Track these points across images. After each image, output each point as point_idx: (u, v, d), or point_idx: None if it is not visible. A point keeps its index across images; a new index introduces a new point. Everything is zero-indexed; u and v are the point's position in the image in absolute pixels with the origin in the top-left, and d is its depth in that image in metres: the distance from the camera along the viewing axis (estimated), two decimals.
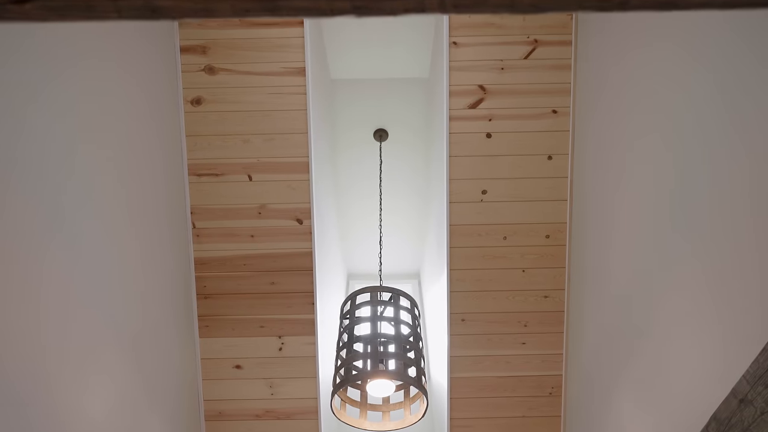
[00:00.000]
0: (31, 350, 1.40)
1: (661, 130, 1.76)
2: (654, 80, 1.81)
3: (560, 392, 2.69)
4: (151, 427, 2.12)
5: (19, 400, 1.35)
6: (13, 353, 1.34)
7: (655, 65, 1.81)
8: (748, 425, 1.30)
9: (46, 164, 1.49)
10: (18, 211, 1.37)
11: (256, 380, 2.66)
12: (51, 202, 1.50)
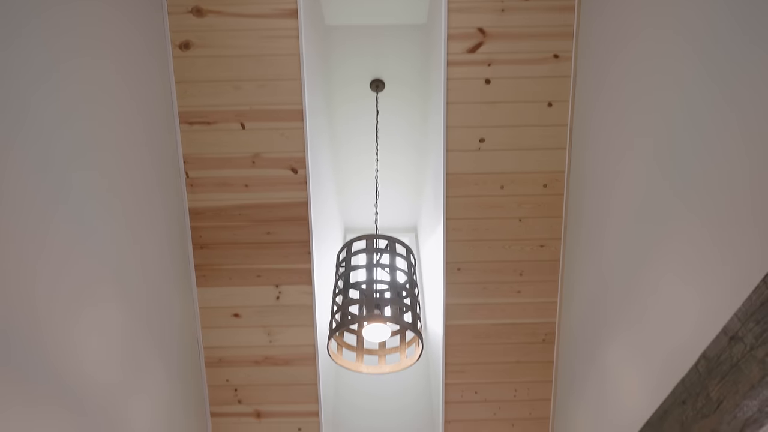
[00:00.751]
0: (25, 295, 1.40)
1: (666, 78, 1.70)
2: (662, 26, 1.74)
3: (553, 339, 2.75)
4: (154, 371, 2.17)
5: (14, 346, 1.36)
6: (7, 298, 1.34)
7: (663, 9, 1.73)
8: (736, 361, 1.32)
9: (36, 112, 1.45)
10: (9, 156, 1.33)
11: (255, 328, 2.70)
12: (42, 153, 1.46)
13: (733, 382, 1.32)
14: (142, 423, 2.06)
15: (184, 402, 2.51)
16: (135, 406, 2.01)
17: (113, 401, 1.85)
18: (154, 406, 2.18)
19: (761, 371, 1.21)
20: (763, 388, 1.25)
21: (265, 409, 2.80)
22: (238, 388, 2.78)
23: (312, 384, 2.77)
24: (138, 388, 2.04)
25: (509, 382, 2.80)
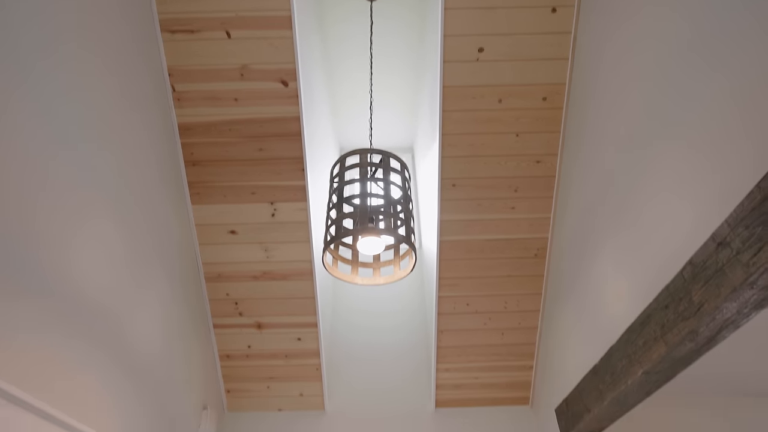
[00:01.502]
0: (25, 216, 1.39)
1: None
2: None
3: (545, 254, 2.81)
4: (157, 285, 2.22)
5: (10, 263, 1.37)
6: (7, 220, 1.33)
7: None
8: (721, 266, 1.34)
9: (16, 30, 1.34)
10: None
11: (251, 244, 2.74)
12: (23, 68, 1.38)
13: (715, 286, 1.36)
14: (148, 333, 2.15)
15: (188, 315, 2.60)
16: (141, 318, 2.09)
17: (119, 314, 1.91)
18: (160, 318, 2.26)
19: (744, 274, 1.24)
20: (744, 291, 1.28)
21: (265, 321, 2.92)
22: (238, 302, 2.87)
23: (310, 297, 2.86)
24: (142, 301, 2.10)
25: (500, 294, 2.90)
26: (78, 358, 1.67)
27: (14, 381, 1.38)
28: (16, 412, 1.37)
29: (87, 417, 1.72)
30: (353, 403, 3.20)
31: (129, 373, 2.01)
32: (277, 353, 3.01)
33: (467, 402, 3.17)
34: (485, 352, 3.05)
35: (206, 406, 2.82)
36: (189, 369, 2.61)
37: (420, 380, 3.28)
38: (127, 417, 2.00)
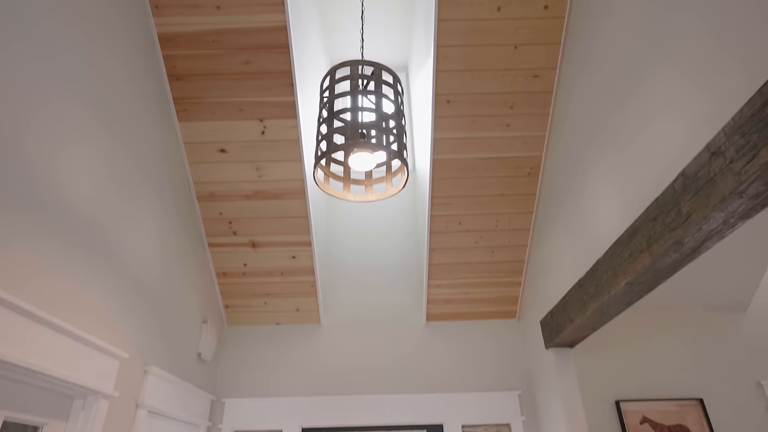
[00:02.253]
0: (12, 136, 1.34)
1: None
2: None
3: (538, 172, 2.80)
4: (148, 203, 2.21)
5: (8, 182, 1.34)
6: None
7: None
8: (713, 176, 1.34)
9: None
10: None
11: (242, 163, 2.70)
12: None
13: (705, 196, 1.37)
14: (144, 251, 2.18)
15: (182, 233, 2.62)
16: (135, 235, 2.10)
17: (113, 230, 1.91)
18: (155, 235, 2.28)
19: (735, 183, 1.24)
20: (733, 200, 1.29)
21: (259, 240, 2.96)
22: (232, 221, 2.89)
23: (303, 216, 2.88)
24: (135, 218, 2.10)
25: (492, 213, 2.93)
26: (78, 273, 1.70)
27: (19, 293, 1.41)
28: (24, 322, 1.41)
29: (92, 329, 1.78)
30: (347, 317, 3.34)
31: (130, 288, 2.05)
32: (272, 271, 3.08)
33: (457, 316, 3.31)
34: (476, 269, 3.13)
35: (206, 320, 2.93)
36: (187, 285, 2.68)
37: (412, 296, 3.40)
38: (131, 329, 2.07)
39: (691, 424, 2.98)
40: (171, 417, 2.45)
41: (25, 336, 1.43)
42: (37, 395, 1.59)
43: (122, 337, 2.01)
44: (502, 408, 3.01)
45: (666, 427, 2.97)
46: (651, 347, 3.22)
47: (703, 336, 3.27)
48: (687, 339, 3.26)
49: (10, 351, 1.38)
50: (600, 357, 3.18)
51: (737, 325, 3.32)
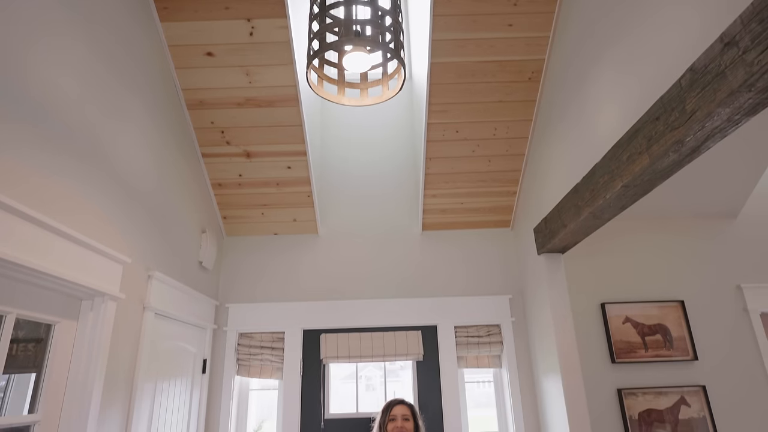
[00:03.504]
0: None
1: None
2: None
3: (539, 77, 2.70)
4: (137, 110, 2.14)
5: None
6: None
7: None
8: (723, 69, 1.29)
9: None
10: None
11: (231, 68, 2.58)
12: None
13: (712, 91, 1.32)
14: (137, 159, 2.14)
15: (174, 143, 2.57)
16: (125, 144, 2.05)
17: (102, 139, 1.86)
18: (147, 145, 2.23)
19: (746, 75, 1.20)
20: (741, 94, 1.25)
21: (253, 150, 2.91)
22: (224, 130, 2.82)
23: (297, 125, 2.81)
24: (126, 127, 2.03)
25: (490, 121, 2.87)
26: (74, 182, 1.68)
27: (20, 200, 1.40)
28: (29, 227, 1.41)
29: (94, 235, 1.79)
30: (344, 227, 3.39)
31: (127, 197, 2.04)
32: (268, 181, 3.07)
33: (452, 225, 3.37)
34: (471, 179, 3.13)
35: (205, 230, 2.97)
36: (183, 195, 2.68)
37: (407, 206, 3.43)
38: (132, 236, 2.09)
39: (671, 324, 3.16)
40: (177, 319, 2.56)
41: (31, 239, 1.45)
42: (47, 296, 1.64)
43: (123, 243, 2.04)
44: (493, 310, 3.17)
45: (647, 327, 3.15)
46: (637, 254, 3.33)
47: (688, 242, 3.37)
48: (672, 245, 3.36)
49: (16, 253, 1.40)
50: (588, 263, 3.29)
51: (723, 231, 3.41)
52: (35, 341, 1.68)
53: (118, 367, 1.98)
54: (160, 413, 2.34)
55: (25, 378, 1.66)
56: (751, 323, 3.18)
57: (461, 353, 3.11)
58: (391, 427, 2.26)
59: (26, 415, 1.61)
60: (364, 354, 3.04)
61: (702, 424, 2.94)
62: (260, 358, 3.08)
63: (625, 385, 3.02)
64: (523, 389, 3.02)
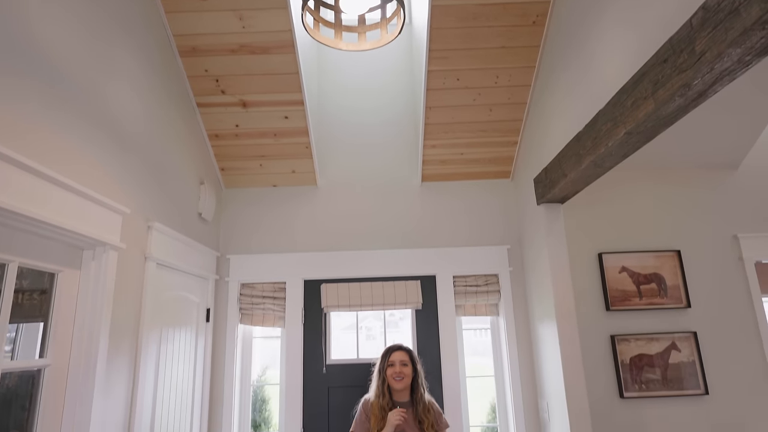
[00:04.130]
0: None
1: None
2: None
3: (544, 21, 2.60)
4: (128, 57, 2.07)
5: None
6: None
7: None
8: (737, 5, 1.23)
9: None
10: None
11: (224, 12, 2.47)
12: None
13: (724, 30, 1.27)
14: (131, 109, 2.09)
15: (168, 93, 2.50)
16: (119, 94, 1.99)
17: (95, 90, 1.81)
18: (140, 96, 2.17)
19: (761, 11, 1.15)
20: (755, 32, 1.21)
21: (249, 99, 2.85)
22: (219, 79, 2.75)
23: (293, 73, 2.73)
24: (115, 77, 1.97)
25: (492, 68, 2.79)
26: (67, 132, 1.64)
27: (16, 149, 1.37)
28: (26, 176, 1.39)
29: (91, 185, 1.78)
30: (344, 178, 3.37)
31: (122, 147, 2.01)
32: (265, 132, 3.02)
33: (451, 176, 3.35)
34: (472, 128, 3.08)
35: (203, 182, 2.95)
36: (180, 146, 2.64)
37: (407, 157, 3.39)
38: (130, 187, 2.08)
39: (666, 273, 3.21)
40: (179, 270, 2.59)
41: (28, 189, 1.43)
42: (48, 245, 1.65)
43: (122, 194, 2.03)
44: (491, 260, 3.21)
45: (642, 276, 3.20)
46: (636, 204, 3.33)
47: (687, 193, 3.37)
48: (671, 196, 3.35)
49: (15, 202, 1.39)
50: (587, 214, 3.30)
51: (724, 182, 3.39)
52: (40, 291, 1.71)
53: (123, 315, 2.02)
54: (167, 359, 2.41)
55: (33, 327, 1.70)
56: (745, 272, 3.23)
57: (459, 302, 3.17)
58: (389, 372, 2.33)
59: (37, 359, 1.65)
60: (364, 303, 3.10)
61: (691, 367, 3.05)
62: (262, 308, 3.15)
63: (618, 332, 3.10)
64: (519, 336, 3.10)
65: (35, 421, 1.62)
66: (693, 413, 2.99)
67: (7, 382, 1.58)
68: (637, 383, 3.02)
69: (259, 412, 3.53)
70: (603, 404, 2.99)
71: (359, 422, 2.26)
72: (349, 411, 2.84)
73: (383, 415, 2.21)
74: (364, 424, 2.24)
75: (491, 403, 3.35)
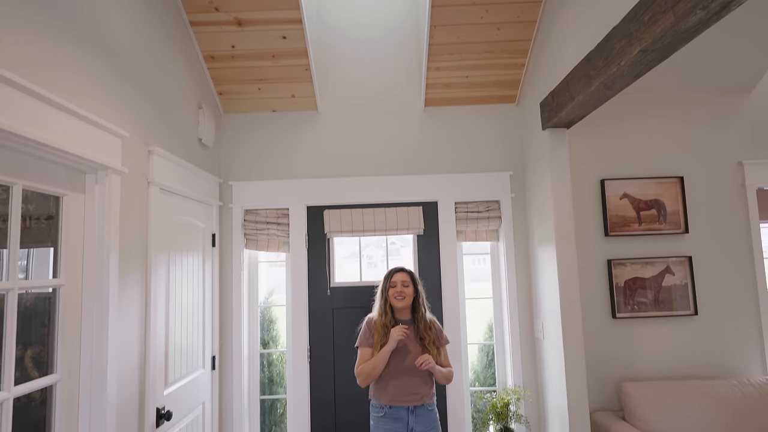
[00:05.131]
0: None
1: None
2: None
3: None
4: None
5: None
6: None
7: None
8: None
9: None
10: None
11: None
12: None
13: None
14: (121, 29, 1.98)
15: (160, 10, 2.37)
16: (107, 13, 1.88)
17: (81, 11, 1.70)
18: (132, 14, 2.05)
19: None
20: None
21: (245, 17, 2.70)
22: None
23: None
24: None
25: None
26: (56, 51, 1.57)
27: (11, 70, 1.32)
28: (24, 99, 1.35)
29: (88, 107, 1.73)
30: (345, 103, 3.29)
31: (115, 69, 1.94)
32: (263, 53, 2.90)
33: (456, 101, 3.26)
34: (478, 49, 2.96)
35: (201, 106, 2.88)
36: (175, 68, 2.55)
37: (410, 81, 3.29)
38: (127, 111, 2.03)
39: (667, 199, 3.22)
40: (183, 195, 2.60)
41: (28, 111, 1.40)
42: (51, 169, 1.64)
43: (119, 117, 1.99)
44: (493, 187, 3.21)
45: (643, 202, 3.22)
46: (641, 130, 3.27)
47: (694, 119, 3.30)
48: (677, 122, 3.29)
49: (14, 123, 1.36)
50: (591, 140, 3.26)
51: (733, 108, 3.31)
52: (47, 217, 1.72)
53: (130, 238, 2.05)
54: (177, 282, 2.49)
55: (44, 252, 1.73)
56: (746, 198, 3.24)
57: (460, 228, 3.22)
58: (392, 292, 2.41)
59: (51, 279, 1.70)
60: (367, 228, 3.14)
61: (683, 290, 3.15)
62: (267, 233, 3.20)
63: (615, 257, 3.18)
64: (518, 260, 3.18)
65: (56, 336, 1.70)
66: (681, 332, 3.14)
67: (25, 301, 1.64)
68: (629, 305, 3.14)
69: (267, 331, 3.70)
70: (595, 324, 3.13)
71: (364, 338, 2.38)
72: (352, 330, 2.98)
73: (386, 332, 2.31)
74: (368, 339, 2.35)
75: (488, 323, 3.50)
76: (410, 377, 2.30)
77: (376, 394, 2.33)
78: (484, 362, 3.75)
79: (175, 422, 2.41)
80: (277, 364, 3.67)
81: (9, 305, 1.48)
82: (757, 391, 2.85)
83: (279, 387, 3.62)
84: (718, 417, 2.77)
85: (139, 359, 2.09)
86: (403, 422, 2.27)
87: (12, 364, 1.47)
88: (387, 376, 2.30)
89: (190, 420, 2.59)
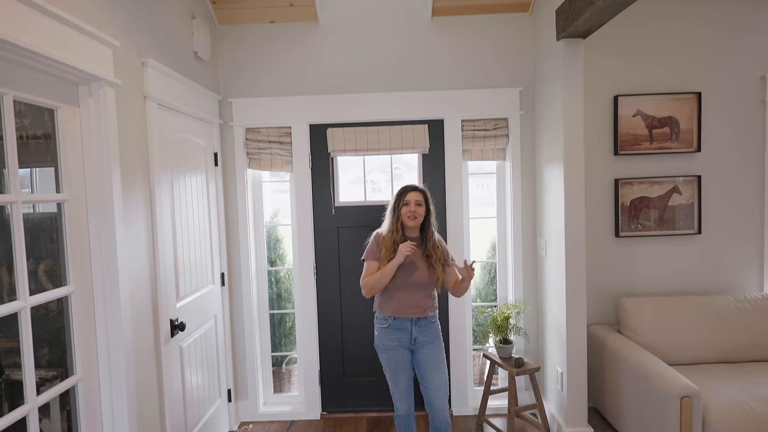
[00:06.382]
0: None
1: None
2: None
3: None
4: None
5: None
6: None
7: None
8: None
9: None
10: None
11: None
12: None
13: None
14: None
15: None
16: None
17: None
18: None
19: None
20: None
21: None
22: None
23: None
24: None
25: None
26: None
27: None
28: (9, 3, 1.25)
29: (71, 12, 1.62)
30: (347, 12, 3.09)
31: None
32: None
33: (465, 9, 3.05)
34: None
35: (195, 16, 2.71)
36: None
37: None
38: (115, 22, 1.91)
39: (682, 117, 3.10)
40: (181, 111, 2.52)
41: (10, 15, 1.31)
42: (41, 79, 1.57)
43: (108, 25, 1.87)
44: (501, 103, 3.09)
45: (656, 119, 3.11)
46: (659, 43, 3.08)
47: (714, 29, 3.09)
48: (697, 33, 3.09)
49: None
50: (606, 54, 3.08)
51: (757, 16, 3.09)
52: (45, 136, 1.68)
53: (131, 155, 2.02)
54: (181, 200, 2.49)
55: (46, 172, 1.71)
56: (765, 115, 3.12)
57: (466, 146, 3.15)
58: (404, 211, 2.38)
59: (54, 194, 1.70)
60: (371, 147, 3.08)
61: (688, 209, 3.14)
62: (269, 152, 3.15)
63: (623, 176, 3.13)
64: (525, 179, 3.14)
65: (66, 250, 1.72)
66: (683, 251, 3.17)
67: (32, 218, 1.65)
68: (633, 224, 3.14)
69: (274, 249, 3.78)
70: (598, 242, 3.15)
71: (371, 252, 2.40)
72: (357, 248, 3.02)
73: (394, 247, 2.33)
74: (375, 253, 2.38)
75: (491, 243, 3.55)
76: (415, 291, 2.36)
77: (381, 305, 2.41)
78: (486, 279, 3.85)
79: (189, 332, 2.52)
80: (284, 281, 3.78)
81: (15, 219, 1.48)
82: (753, 306, 2.92)
83: (287, 302, 3.76)
84: (712, 331, 2.87)
85: (150, 273, 2.15)
86: (407, 332, 2.36)
87: (25, 276, 1.50)
88: (393, 288, 2.35)
89: (203, 331, 2.71)
